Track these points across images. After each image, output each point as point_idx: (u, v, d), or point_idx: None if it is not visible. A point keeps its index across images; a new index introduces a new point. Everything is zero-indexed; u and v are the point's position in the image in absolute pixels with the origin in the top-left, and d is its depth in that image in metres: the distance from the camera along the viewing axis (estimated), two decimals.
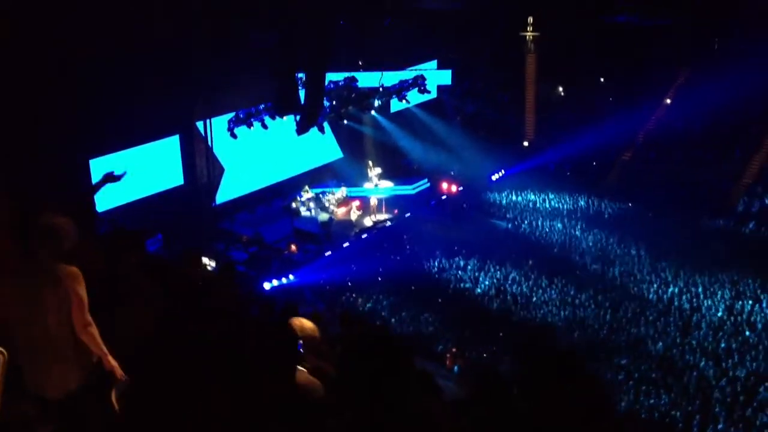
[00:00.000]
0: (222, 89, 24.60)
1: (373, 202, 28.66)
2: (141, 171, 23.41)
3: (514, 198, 31.26)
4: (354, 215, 28.15)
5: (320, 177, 30.30)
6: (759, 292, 22.30)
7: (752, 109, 31.34)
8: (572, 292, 22.87)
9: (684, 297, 22.32)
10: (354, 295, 22.81)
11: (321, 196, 28.63)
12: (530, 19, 34.93)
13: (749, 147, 31.31)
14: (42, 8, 17.90)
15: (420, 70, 30.54)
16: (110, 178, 7.20)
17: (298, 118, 24.13)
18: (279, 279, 23.23)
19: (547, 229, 28.13)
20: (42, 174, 17.41)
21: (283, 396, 4.54)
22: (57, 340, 4.65)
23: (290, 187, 28.82)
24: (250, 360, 4.87)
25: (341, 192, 28.83)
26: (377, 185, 30.42)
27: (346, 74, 27.76)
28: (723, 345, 19.49)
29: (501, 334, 20.30)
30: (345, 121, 29.77)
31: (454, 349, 19.44)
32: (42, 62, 18.21)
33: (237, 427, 4.47)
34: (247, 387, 4.77)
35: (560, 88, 37.71)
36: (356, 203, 28.51)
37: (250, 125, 25.49)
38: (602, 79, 36.92)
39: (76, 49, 18.65)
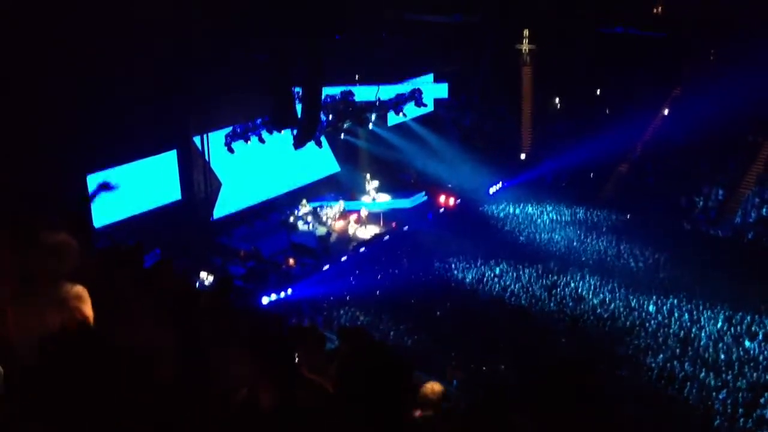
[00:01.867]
0: (219, 104, 24.63)
1: (364, 213, 28.63)
2: (138, 186, 23.40)
3: (511, 210, 31.22)
4: (352, 229, 28.12)
5: (318, 191, 30.28)
6: (758, 302, 22.25)
7: (748, 120, 31.40)
8: (571, 305, 22.83)
9: (684, 308, 22.27)
10: (352, 308, 22.73)
11: (318, 210, 28.61)
12: (526, 32, 35.03)
13: (746, 157, 31.36)
14: (40, 26, 17.95)
15: (416, 83, 30.60)
16: (104, 186, 7.12)
17: (295, 132, 24.15)
18: (277, 293, 23.17)
19: (545, 242, 28.09)
20: (40, 190, 17.38)
21: (280, 407, 4.50)
22: None
23: (288, 202, 28.79)
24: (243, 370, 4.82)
25: (339, 206, 28.81)
26: (375, 198, 30.44)
27: (343, 88, 27.77)
28: (723, 356, 19.43)
29: (500, 346, 20.24)
30: (342, 135, 29.79)
31: (453, 363, 19.38)
32: (39, 79, 18.24)
33: None
34: (241, 398, 4.73)
35: (557, 100, 37.80)
36: (354, 217, 28.50)
37: (247, 140, 25.47)
38: (599, 91, 37.01)
39: (73, 65, 18.69)
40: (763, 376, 18.41)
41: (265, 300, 22.60)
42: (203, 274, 22.90)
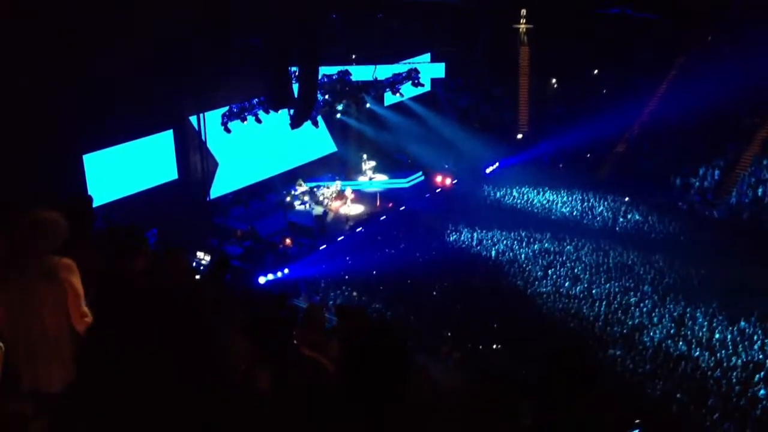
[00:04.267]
0: (215, 83, 24.54)
1: (349, 193, 28.56)
2: (135, 166, 23.39)
3: (508, 190, 31.25)
4: (348, 208, 28.14)
5: (314, 171, 30.27)
6: (753, 281, 22.38)
7: (745, 102, 31.41)
8: (567, 284, 22.91)
9: (679, 287, 22.40)
10: (349, 288, 22.79)
11: (315, 189, 28.62)
12: (523, 12, 34.92)
13: (742, 138, 31.38)
14: (37, 7, 17.86)
15: (413, 63, 30.55)
16: None
17: (291, 112, 24.12)
18: (274, 273, 23.22)
19: (542, 222, 28.13)
20: (37, 170, 17.39)
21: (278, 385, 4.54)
22: (54, 334, 4.65)
23: (285, 181, 28.79)
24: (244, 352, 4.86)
25: (335, 185, 28.82)
26: (372, 178, 30.46)
27: (340, 68, 27.74)
28: (717, 335, 19.55)
29: (495, 326, 20.34)
30: (338, 115, 29.78)
31: (449, 342, 19.45)
32: (35, 60, 18.16)
33: (236, 419, 4.46)
34: (242, 380, 4.77)
35: (554, 81, 37.73)
36: (351, 196, 28.51)
37: (243, 119, 25.46)
38: (596, 72, 36.96)
39: (69, 45, 18.60)
40: (757, 355, 18.55)
41: (262, 280, 22.66)
42: (200, 254, 22.94)
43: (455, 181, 31.44)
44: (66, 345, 4.75)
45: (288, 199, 28.07)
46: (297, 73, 23.98)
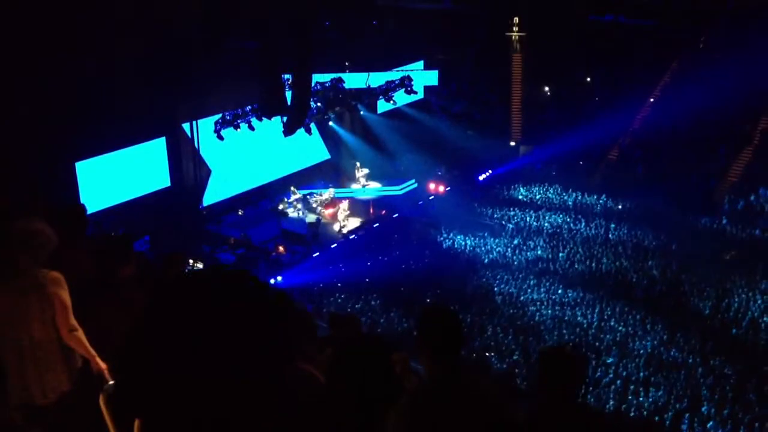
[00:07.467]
0: (208, 91, 24.52)
1: (343, 205, 28.41)
2: (127, 173, 23.35)
3: (501, 197, 31.28)
4: (342, 216, 28.09)
5: (308, 178, 30.24)
6: (745, 289, 22.42)
7: (737, 108, 31.51)
8: (560, 291, 22.92)
9: (671, 295, 22.42)
10: (342, 295, 22.75)
11: (308, 197, 28.56)
12: (516, 20, 35.01)
13: (734, 145, 31.47)
14: (28, 14, 17.83)
15: (406, 70, 30.57)
16: None
17: (284, 119, 24.11)
18: (267, 280, 23.11)
19: (535, 229, 28.16)
20: (28, 177, 17.33)
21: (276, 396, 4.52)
22: (42, 347, 4.63)
23: (278, 189, 28.76)
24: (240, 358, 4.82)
25: (329, 193, 28.76)
26: (365, 186, 30.43)
27: (333, 75, 27.73)
28: (711, 342, 19.57)
29: (489, 333, 20.32)
30: (331, 123, 29.78)
31: None
32: (27, 66, 18.12)
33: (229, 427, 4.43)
34: (238, 385, 4.74)
35: (546, 88, 37.82)
36: (344, 204, 28.45)
37: (236, 127, 25.41)
38: (588, 79, 37.06)
39: (61, 52, 18.58)
40: (750, 361, 18.57)
41: None
42: (192, 262, 22.88)
43: (448, 188, 31.43)
44: (56, 357, 4.73)
45: (281, 206, 28.03)
46: (290, 81, 24.00)
